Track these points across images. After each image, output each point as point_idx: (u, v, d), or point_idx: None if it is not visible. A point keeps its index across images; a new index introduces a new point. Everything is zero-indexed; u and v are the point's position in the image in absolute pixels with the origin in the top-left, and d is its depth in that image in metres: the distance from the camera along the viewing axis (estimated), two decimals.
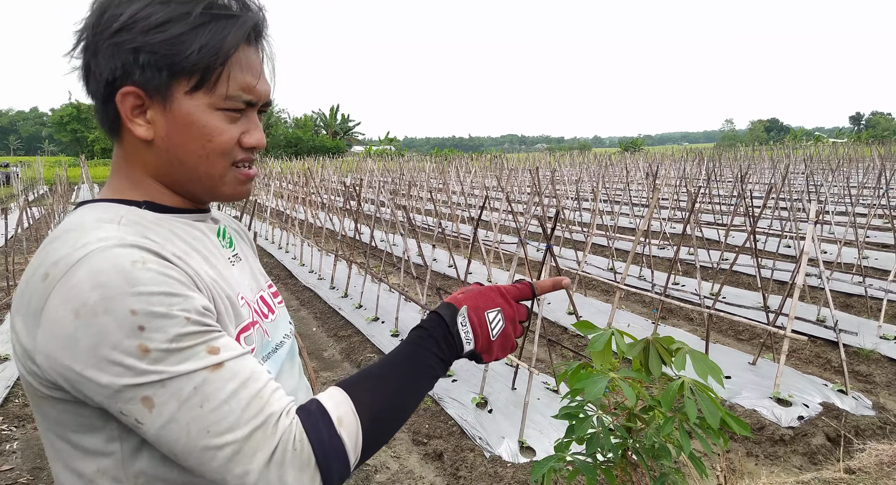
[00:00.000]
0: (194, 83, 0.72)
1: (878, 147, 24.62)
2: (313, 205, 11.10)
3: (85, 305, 0.60)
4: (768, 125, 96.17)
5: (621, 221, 11.14)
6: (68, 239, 0.67)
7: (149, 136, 0.74)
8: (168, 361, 0.62)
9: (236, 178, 0.80)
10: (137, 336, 0.61)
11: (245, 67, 0.76)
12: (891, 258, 6.87)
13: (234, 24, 0.73)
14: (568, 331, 5.36)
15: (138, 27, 0.70)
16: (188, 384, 0.62)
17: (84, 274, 0.62)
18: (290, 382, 0.88)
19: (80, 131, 49.95)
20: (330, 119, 65.18)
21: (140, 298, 0.61)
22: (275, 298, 0.94)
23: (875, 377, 4.18)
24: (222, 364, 0.64)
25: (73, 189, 22.14)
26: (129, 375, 0.61)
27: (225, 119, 0.75)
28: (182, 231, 0.78)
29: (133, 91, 0.72)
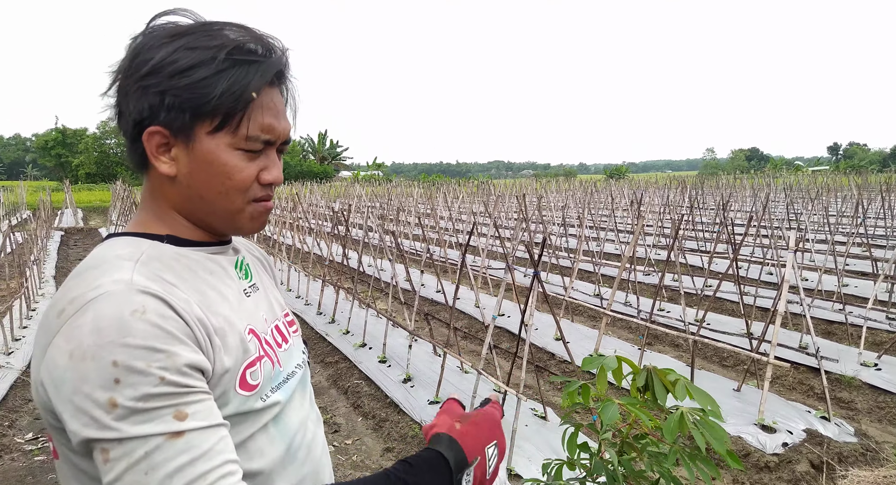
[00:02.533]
0: (216, 124, 0.76)
1: (855, 177, 25.24)
2: (301, 230, 11.09)
3: (79, 348, 0.63)
4: (749, 154, 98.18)
5: (607, 247, 11.26)
6: (88, 277, 0.70)
7: (172, 172, 0.78)
8: (130, 420, 0.62)
9: (254, 212, 0.83)
10: (111, 389, 0.62)
11: (266, 109, 0.79)
12: (870, 286, 7.02)
13: (258, 70, 0.77)
14: (555, 357, 5.37)
15: (165, 72, 0.74)
16: (140, 448, 0.62)
17: (89, 317, 0.65)
18: (300, 411, 0.90)
19: (64, 156, 49.61)
20: (318, 144, 65.46)
21: (125, 349, 0.63)
22: (290, 326, 0.96)
23: (857, 404, 4.24)
24: (182, 434, 0.64)
25: (57, 214, 21.89)
26: (93, 427, 0.62)
27: (244, 158, 0.79)
28: (199, 266, 0.81)
29: (158, 131, 0.76)
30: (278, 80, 0.82)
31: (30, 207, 24.22)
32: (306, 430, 0.90)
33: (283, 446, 0.83)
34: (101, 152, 46.76)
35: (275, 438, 0.82)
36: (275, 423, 0.82)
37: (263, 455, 0.79)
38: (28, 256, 8.09)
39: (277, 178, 0.83)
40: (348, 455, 3.77)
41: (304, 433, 0.89)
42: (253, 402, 0.78)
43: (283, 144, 0.84)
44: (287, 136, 0.83)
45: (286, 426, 0.84)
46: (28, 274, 7.47)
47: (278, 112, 0.81)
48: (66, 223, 19.50)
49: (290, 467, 0.83)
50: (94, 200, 30.90)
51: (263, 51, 0.79)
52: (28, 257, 8.02)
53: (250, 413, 0.78)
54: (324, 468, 0.93)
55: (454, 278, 8.23)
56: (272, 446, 0.81)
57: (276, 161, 0.83)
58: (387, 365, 5.12)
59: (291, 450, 0.84)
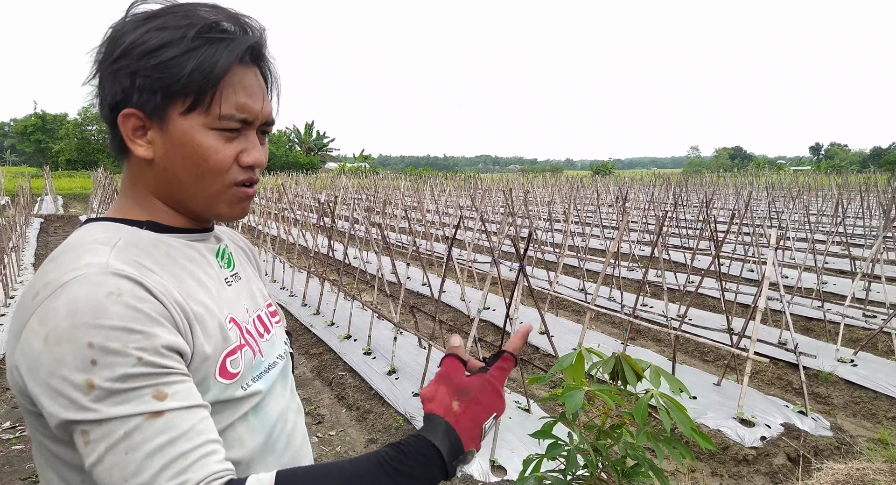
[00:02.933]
0: (189, 104, 0.75)
1: (836, 177, 25.64)
2: (286, 221, 11.01)
3: (54, 331, 0.63)
4: (732, 153, 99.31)
5: (592, 242, 11.34)
6: (63, 260, 0.69)
7: (148, 155, 0.77)
8: (108, 400, 0.62)
9: (234, 197, 0.81)
10: (87, 370, 0.62)
11: (239, 88, 0.77)
12: (848, 284, 7.16)
13: (226, 47, 0.75)
14: (539, 350, 5.41)
15: (135, 53, 0.73)
16: (120, 428, 0.62)
17: (63, 300, 0.64)
18: (281, 401, 0.89)
19: (44, 142, 48.64)
20: (304, 135, 64.91)
21: (100, 331, 0.63)
22: (272, 317, 0.95)
23: (833, 399, 4.33)
24: (162, 413, 0.63)
25: (36, 201, 21.50)
26: (72, 408, 0.62)
27: (220, 138, 0.77)
28: (179, 253, 0.80)
29: (133, 113, 0.75)
30: (255, 59, 0.80)
31: (8, 193, 23.76)
32: (286, 420, 0.90)
33: (262, 435, 0.82)
34: (81, 139, 45.89)
35: (254, 427, 0.81)
36: (255, 412, 0.82)
37: (243, 445, 0.79)
38: (6, 243, 7.95)
39: (258, 159, 0.81)
40: (332, 446, 3.77)
41: (284, 423, 0.88)
42: (233, 390, 0.77)
43: (264, 126, 0.82)
44: (268, 117, 0.82)
45: (266, 416, 0.84)
46: (6, 261, 7.34)
47: (254, 92, 0.79)
48: (45, 210, 19.18)
49: (270, 457, 0.83)
50: (74, 187, 30.37)
51: (236, 29, 0.78)
52: (6, 244, 7.88)
53: (230, 401, 0.77)
54: (304, 458, 0.93)
55: (440, 272, 8.24)
56: (251, 435, 0.81)
57: (255, 143, 0.81)
58: (372, 357, 5.12)
59: (271, 440, 0.84)
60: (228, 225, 11.14)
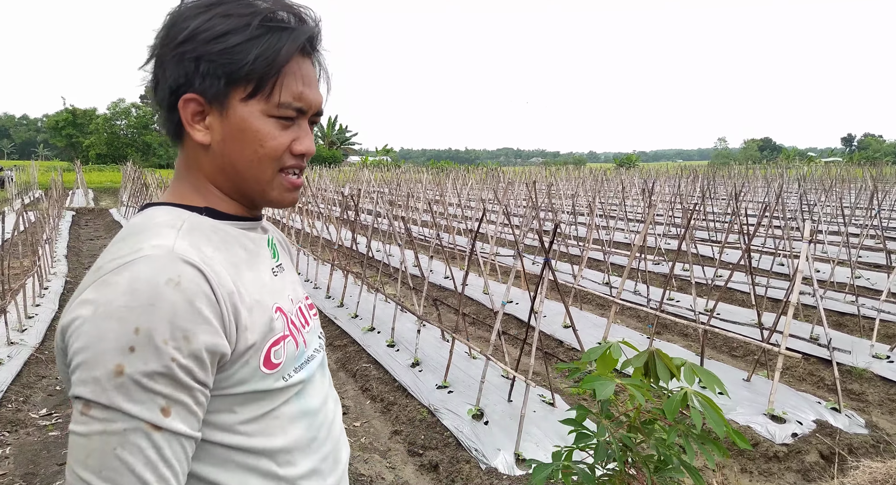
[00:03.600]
0: (250, 91, 0.76)
1: (870, 168, 24.92)
2: (310, 214, 11.11)
3: (107, 305, 0.64)
4: (761, 144, 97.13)
5: (617, 235, 11.20)
6: (129, 241, 0.71)
7: (206, 140, 0.78)
8: (126, 392, 0.63)
9: (283, 184, 0.83)
10: (124, 355, 0.63)
11: (298, 77, 0.79)
12: (883, 278, 6.96)
13: (289, 36, 0.77)
14: (563, 344, 5.37)
15: (200, 38, 0.74)
16: (122, 424, 0.62)
17: (125, 277, 0.66)
18: (320, 391, 0.91)
19: (75, 136, 49.81)
20: (328, 129, 65.35)
21: (150, 318, 0.64)
22: (310, 309, 0.97)
23: (868, 396, 4.21)
24: (160, 429, 0.64)
25: (68, 194, 22.05)
26: (89, 387, 0.63)
27: (277, 126, 0.79)
28: (235, 240, 0.81)
29: (194, 98, 0.76)
30: (311, 49, 0.82)
31: (41, 186, 24.41)
32: (327, 409, 0.91)
33: (304, 424, 0.84)
34: (111, 133, 46.92)
35: (297, 416, 0.83)
36: (297, 401, 0.83)
37: (286, 433, 0.80)
38: (40, 235, 8.16)
39: (310, 148, 0.83)
40: (356, 437, 3.80)
41: (325, 413, 0.90)
42: (273, 381, 0.78)
43: (314, 116, 0.84)
44: (319, 107, 0.83)
45: (308, 405, 0.85)
46: (40, 253, 7.53)
47: (310, 81, 0.81)
48: (77, 203, 19.65)
49: (313, 444, 0.84)
50: (104, 180, 31.06)
51: (295, 19, 0.79)
52: (40, 236, 8.09)
53: (270, 392, 0.78)
54: (342, 448, 0.95)
55: (463, 265, 8.23)
56: (294, 424, 0.82)
57: (308, 132, 0.83)
58: (395, 349, 5.13)
59: (313, 429, 0.85)
60: None
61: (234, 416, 0.74)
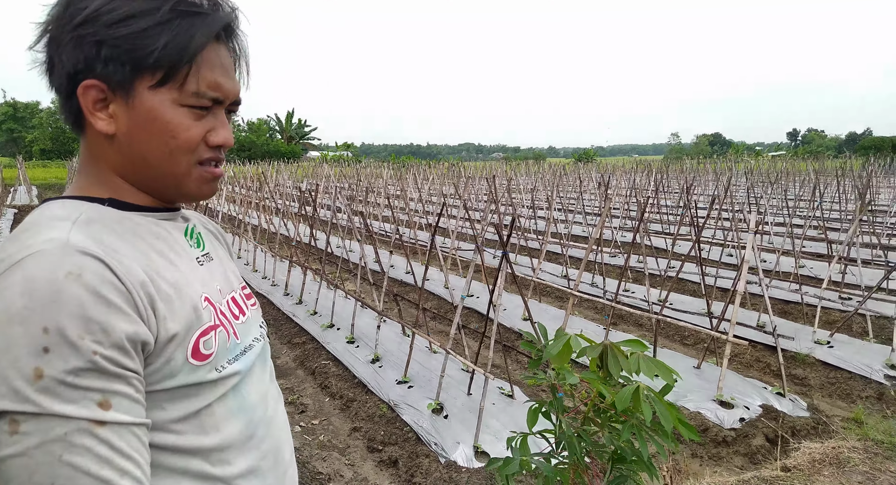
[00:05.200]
0: (159, 79, 0.72)
1: (813, 162, 26.04)
2: (267, 210, 10.89)
3: (6, 311, 0.59)
4: (712, 139, 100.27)
5: (575, 229, 11.39)
6: (20, 238, 0.66)
7: (110, 130, 0.73)
8: (53, 394, 0.58)
9: (201, 176, 0.79)
10: (38, 357, 0.58)
11: (213, 65, 0.75)
12: (824, 267, 7.28)
13: (203, 22, 0.73)
14: (523, 336, 5.43)
15: (102, 20, 0.69)
16: (60, 428, 0.58)
17: (18, 277, 0.60)
18: (260, 386, 0.87)
19: (17, 131, 47.51)
20: (286, 123, 64.16)
21: (57, 316, 0.59)
22: (248, 299, 0.92)
23: (810, 380, 4.41)
24: (104, 424, 0.60)
25: (10, 191, 21.01)
26: (9, 398, 0.57)
27: (190, 116, 0.74)
28: (145, 230, 0.76)
29: (95, 84, 0.71)
30: (227, 36, 0.78)
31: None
32: (266, 406, 0.87)
33: (242, 420, 0.80)
34: (56, 128, 44.86)
35: (233, 411, 0.79)
36: (234, 395, 0.79)
37: (219, 430, 0.76)
38: None
39: (227, 139, 0.78)
40: (315, 435, 3.76)
41: (265, 408, 0.86)
42: (205, 372, 0.74)
43: (232, 105, 0.80)
44: (237, 96, 0.79)
45: (245, 400, 0.81)
46: None
47: (226, 70, 0.77)
48: (19, 201, 18.76)
49: (250, 442, 0.81)
50: (49, 177, 29.73)
51: (210, 4, 0.75)
52: None
53: (203, 384, 0.74)
54: (284, 446, 0.91)
55: (423, 260, 8.23)
56: (230, 420, 0.78)
57: (224, 122, 0.79)
58: (355, 346, 5.10)
59: (251, 425, 0.82)
60: (208, 215, 10.95)
61: (164, 413, 0.70)
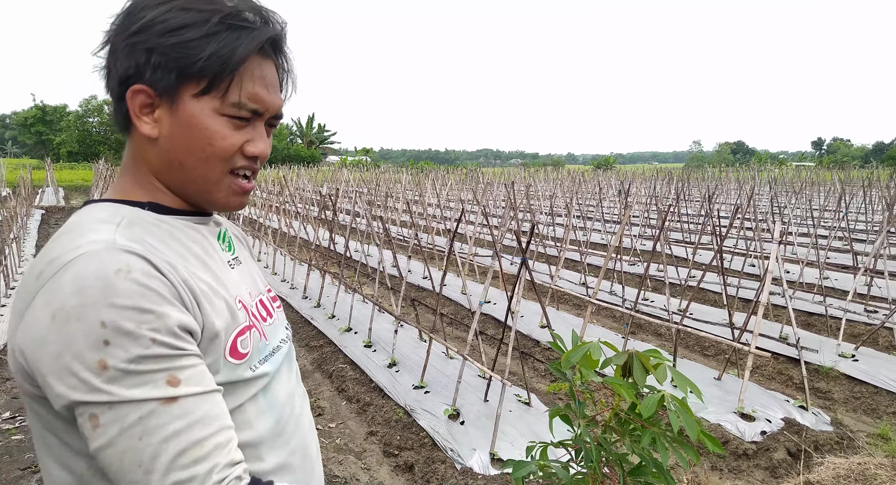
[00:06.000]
0: (202, 87, 0.75)
1: (838, 172, 25.58)
2: (287, 214, 11.00)
3: (62, 310, 0.62)
4: (734, 148, 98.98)
5: (593, 236, 11.32)
6: (65, 240, 0.68)
7: (153, 134, 0.76)
8: (122, 382, 0.61)
9: (231, 187, 0.81)
10: (100, 350, 0.61)
11: (255, 78, 0.78)
12: (849, 279, 7.13)
13: (248, 36, 0.76)
14: (540, 344, 5.40)
15: (155, 30, 0.73)
16: (134, 413, 0.61)
17: (69, 277, 0.63)
18: (287, 385, 0.90)
19: (45, 134, 48.55)
20: (306, 128, 64.78)
21: (113, 310, 0.62)
22: (273, 302, 0.95)
23: (834, 394, 4.32)
24: (176, 399, 0.63)
25: (38, 192, 21.50)
26: (81, 390, 0.61)
27: (229, 125, 0.77)
28: (182, 233, 0.79)
29: (143, 90, 0.74)
30: (273, 51, 0.80)
31: (9, 184, 23.75)
32: (294, 404, 0.90)
33: (272, 418, 0.83)
34: (83, 131, 45.74)
35: (264, 409, 0.81)
36: (264, 394, 0.82)
37: (252, 427, 0.79)
38: (7, 233, 7.94)
39: (263, 151, 0.81)
40: (332, 438, 3.77)
41: (292, 407, 0.89)
42: (242, 371, 0.77)
43: (272, 119, 0.82)
44: (278, 110, 0.82)
45: (275, 398, 0.84)
46: (7, 252, 7.34)
47: (269, 84, 0.80)
48: (47, 202, 19.16)
49: (280, 439, 0.84)
50: (76, 178, 30.34)
51: (258, 20, 0.78)
52: (7, 235, 7.88)
53: (239, 383, 0.77)
54: (311, 444, 0.95)
55: (441, 265, 8.23)
56: (261, 418, 0.81)
57: (263, 134, 0.81)
58: (372, 350, 5.11)
59: (280, 423, 0.84)
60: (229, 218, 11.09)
61: None
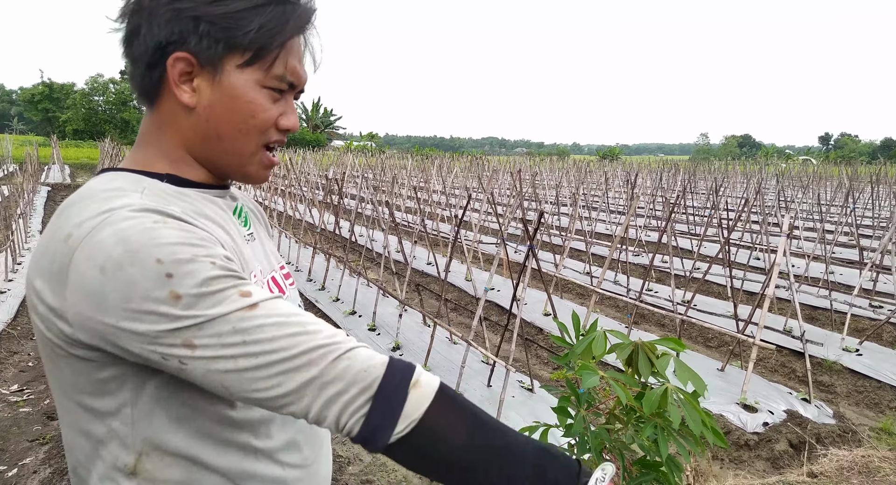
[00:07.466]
0: (247, 59, 0.74)
1: (846, 167, 25.40)
2: (293, 197, 10.99)
3: (110, 260, 0.61)
4: (741, 141, 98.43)
5: (599, 226, 11.30)
6: (90, 204, 0.67)
7: (192, 103, 0.75)
8: (201, 305, 0.62)
9: (262, 160, 0.82)
10: (167, 284, 0.61)
11: (294, 52, 0.78)
12: (855, 274, 7.12)
13: (295, 12, 0.76)
14: (543, 331, 5.42)
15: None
16: (225, 325, 0.62)
17: (108, 232, 0.63)
18: None
19: (51, 111, 48.51)
20: (312, 112, 64.60)
21: (164, 247, 0.62)
22: (286, 279, 0.95)
23: (837, 388, 4.33)
24: (256, 305, 0.64)
25: (44, 169, 21.52)
26: (164, 321, 0.61)
27: (269, 98, 0.77)
28: (202, 205, 0.79)
29: (185, 57, 0.73)
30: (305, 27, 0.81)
31: (16, 161, 23.79)
32: None
33: None
34: (89, 109, 45.71)
35: None
36: None
37: None
38: (14, 209, 7.97)
39: (295, 124, 0.81)
40: None
41: None
42: None
43: (299, 92, 0.83)
44: (304, 84, 0.82)
45: None
46: (14, 228, 7.36)
47: (301, 57, 0.80)
48: (52, 179, 19.19)
49: (288, 417, 0.82)
50: (81, 156, 30.37)
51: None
52: (14, 211, 7.90)
53: None
54: (317, 429, 0.93)
55: (446, 251, 8.24)
56: None
57: (293, 107, 0.82)
58: (376, 333, 5.13)
59: None
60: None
61: None
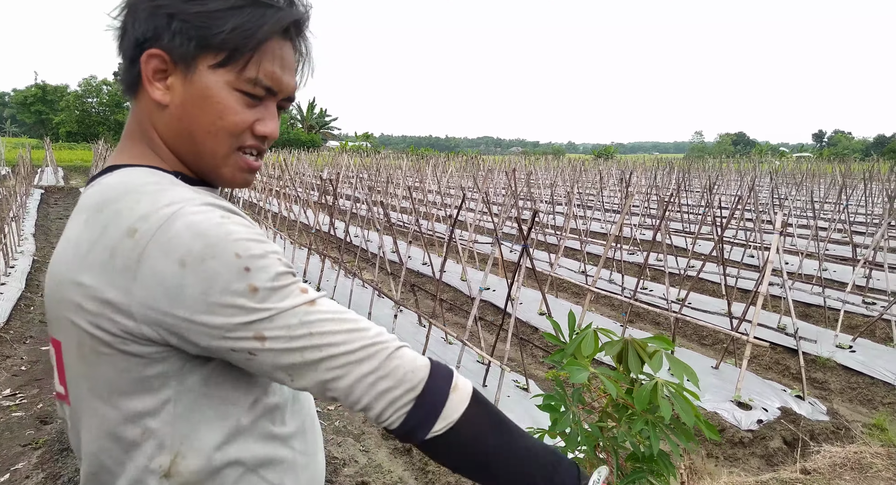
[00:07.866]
0: (220, 60, 0.73)
1: (839, 165, 25.53)
2: (287, 198, 10.97)
3: (190, 254, 0.64)
4: (735, 139, 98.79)
5: (593, 225, 11.31)
6: (141, 197, 0.69)
7: (164, 100, 0.75)
8: (273, 298, 0.67)
9: (238, 163, 0.80)
10: (245, 277, 0.66)
11: (274, 58, 0.76)
12: (848, 271, 7.15)
13: (273, 16, 0.75)
14: (538, 331, 5.42)
15: None
16: (293, 318, 0.68)
17: (181, 226, 0.66)
18: None
19: (44, 113, 48.26)
20: (306, 113, 64.47)
21: (239, 243, 0.67)
22: None
23: (830, 384, 4.35)
24: (314, 301, 0.70)
25: (37, 172, 21.41)
26: (241, 314, 0.66)
27: (241, 101, 0.76)
28: None
29: (158, 54, 0.73)
30: (295, 33, 0.79)
31: (8, 163, 23.66)
32: None
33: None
34: (82, 111, 45.45)
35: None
36: None
37: (276, 393, 0.82)
38: (6, 213, 7.92)
39: (273, 131, 0.80)
40: (330, 421, 3.79)
41: None
42: None
43: (284, 101, 0.81)
44: (291, 93, 0.81)
45: None
46: (7, 231, 7.32)
47: (286, 65, 0.79)
48: (46, 182, 19.09)
49: (296, 405, 0.87)
50: (75, 159, 30.22)
51: (285, 1, 0.77)
52: (7, 214, 7.85)
53: None
54: (314, 410, 0.98)
55: (441, 252, 8.24)
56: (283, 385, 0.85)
57: (274, 114, 0.80)
58: None
59: (297, 393, 0.88)
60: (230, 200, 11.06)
61: None
